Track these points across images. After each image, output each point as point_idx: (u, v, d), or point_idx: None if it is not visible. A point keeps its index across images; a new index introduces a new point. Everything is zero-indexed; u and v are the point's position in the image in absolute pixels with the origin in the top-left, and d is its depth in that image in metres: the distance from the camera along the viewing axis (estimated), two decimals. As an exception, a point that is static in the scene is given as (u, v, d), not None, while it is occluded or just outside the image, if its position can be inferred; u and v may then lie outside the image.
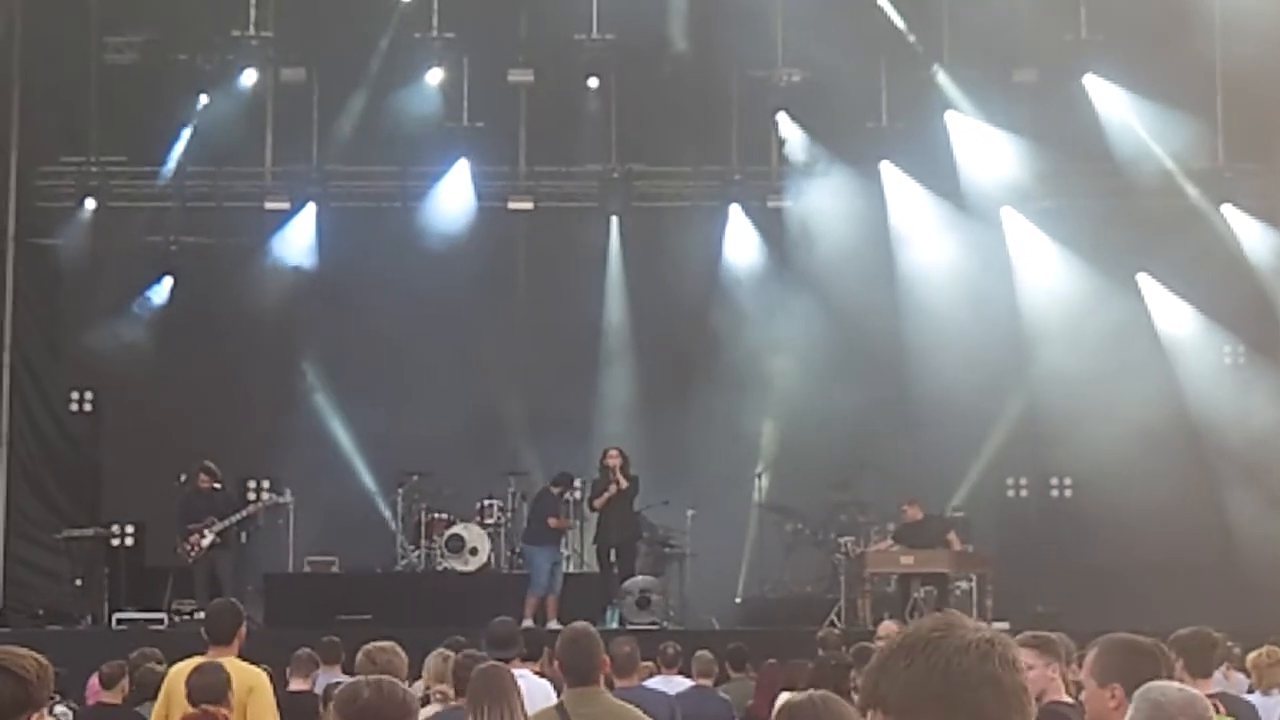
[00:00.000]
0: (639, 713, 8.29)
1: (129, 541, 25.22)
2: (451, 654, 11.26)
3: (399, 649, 9.61)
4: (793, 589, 24.85)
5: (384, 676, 4.55)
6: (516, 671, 10.68)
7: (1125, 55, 25.47)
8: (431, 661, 11.19)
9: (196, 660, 10.27)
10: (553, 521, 23.39)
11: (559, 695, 11.56)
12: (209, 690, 8.88)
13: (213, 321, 25.93)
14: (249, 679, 10.02)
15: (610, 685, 12.30)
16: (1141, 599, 22.64)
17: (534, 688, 10.78)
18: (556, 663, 8.53)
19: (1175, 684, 5.75)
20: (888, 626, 14.80)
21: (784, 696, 6.34)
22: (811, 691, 5.67)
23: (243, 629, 10.80)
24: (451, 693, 10.51)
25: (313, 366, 26.20)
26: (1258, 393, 25.47)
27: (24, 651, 4.49)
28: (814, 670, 11.69)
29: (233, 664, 9.98)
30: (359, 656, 10.20)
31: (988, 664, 3.24)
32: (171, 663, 13.18)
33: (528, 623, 20.23)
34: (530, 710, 9.69)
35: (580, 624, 8.85)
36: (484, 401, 25.37)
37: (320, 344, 25.89)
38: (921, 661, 3.26)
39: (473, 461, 24.47)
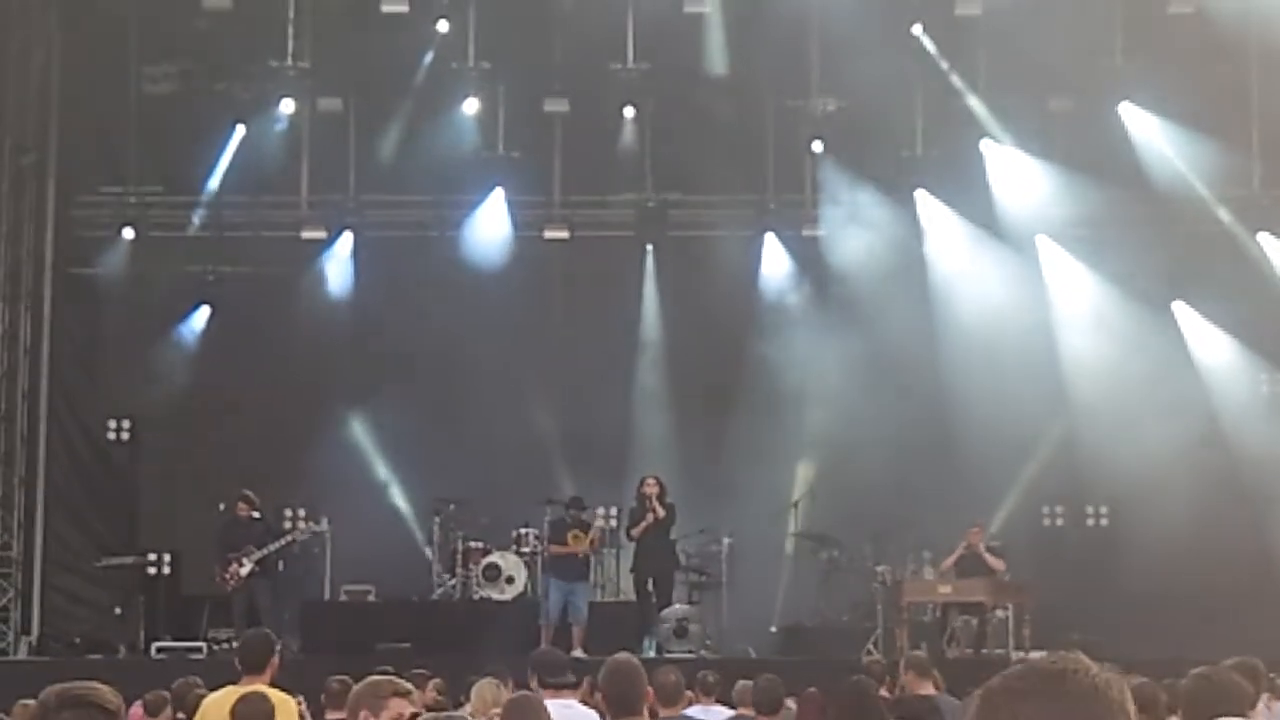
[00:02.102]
0: None
1: (166, 570, 25.21)
2: (499, 682, 11.27)
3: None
4: (829, 617, 24.80)
5: (442, 714, 4.58)
6: (563, 702, 10.71)
7: (1161, 83, 25.45)
8: (481, 690, 11.19)
9: (232, 689, 10.27)
10: (553, 549, 23.43)
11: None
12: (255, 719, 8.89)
13: (250, 350, 25.99)
14: (277, 704, 10.03)
15: (654, 715, 12.33)
16: (1179, 628, 22.59)
17: (580, 717, 10.78)
18: (600, 694, 8.49)
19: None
20: None
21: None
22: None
23: (275, 658, 10.82)
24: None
25: (349, 395, 26.22)
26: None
27: (101, 685, 4.52)
28: (838, 697, 11.64)
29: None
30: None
31: (1125, 696, 3.22)
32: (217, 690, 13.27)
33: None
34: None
35: (623, 655, 8.84)
36: (521, 430, 25.42)
37: (356, 373, 25.93)
38: (1067, 690, 3.21)
39: (509, 490, 24.48)
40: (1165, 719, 8.44)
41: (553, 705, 10.73)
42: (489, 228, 26.84)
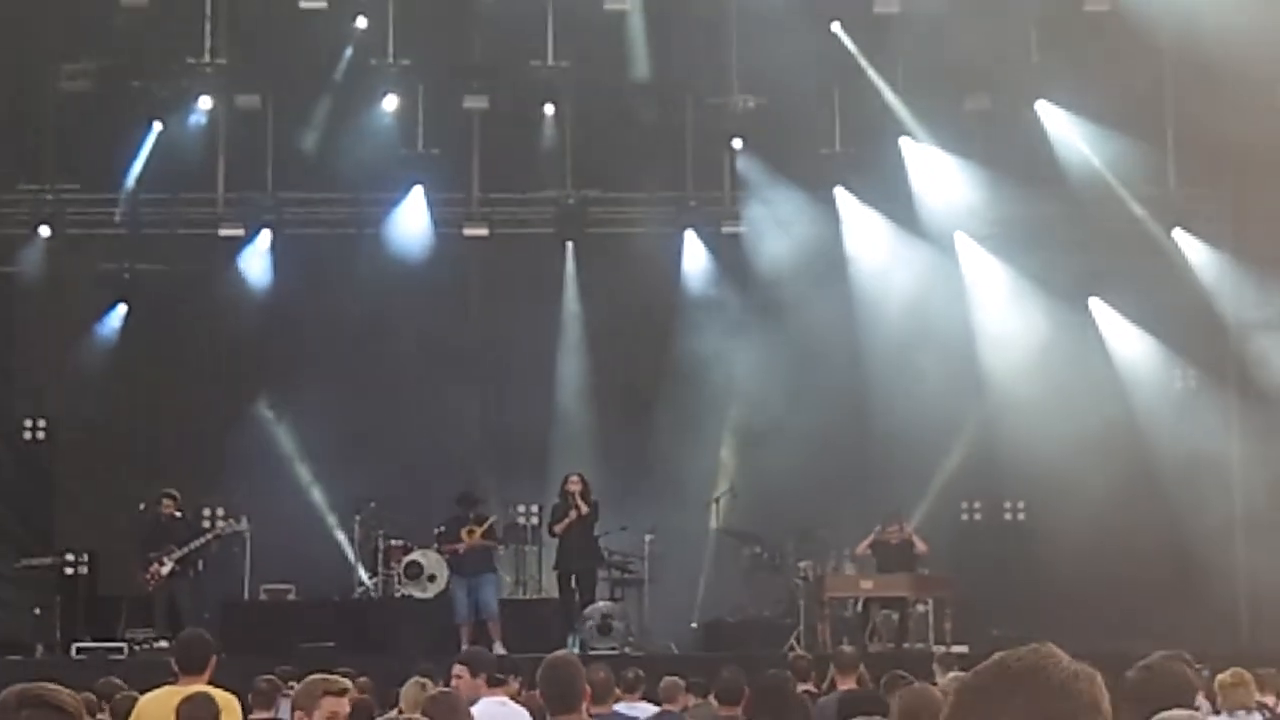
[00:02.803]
0: None
1: (83, 570, 25.01)
2: (427, 681, 11.26)
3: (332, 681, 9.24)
4: (751, 613, 24.87)
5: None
6: (496, 699, 10.74)
7: (1076, 82, 25.64)
8: (408, 691, 11.17)
9: (171, 690, 10.20)
10: (445, 548, 23.39)
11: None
12: (202, 720, 8.84)
13: (167, 348, 25.84)
14: (220, 703, 9.97)
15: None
16: (1097, 620, 22.83)
17: (512, 715, 10.80)
18: (538, 691, 8.48)
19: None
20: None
21: None
22: None
23: (214, 658, 10.76)
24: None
25: (268, 393, 26.09)
26: (1208, 415, 25.70)
27: (59, 687, 4.49)
28: (755, 690, 11.71)
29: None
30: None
31: (1095, 689, 3.26)
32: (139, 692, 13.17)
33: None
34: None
35: (562, 652, 8.87)
36: (442, 428, 25.38)
37: (276, 371, 25.80)
38: (1034, 684, 3.25)
39: (430, 488, 24.44)
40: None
41: (486, 703, 10.78)
42: (408, 225, 26.75)
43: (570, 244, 27.18)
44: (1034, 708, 3.22)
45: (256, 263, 26.65)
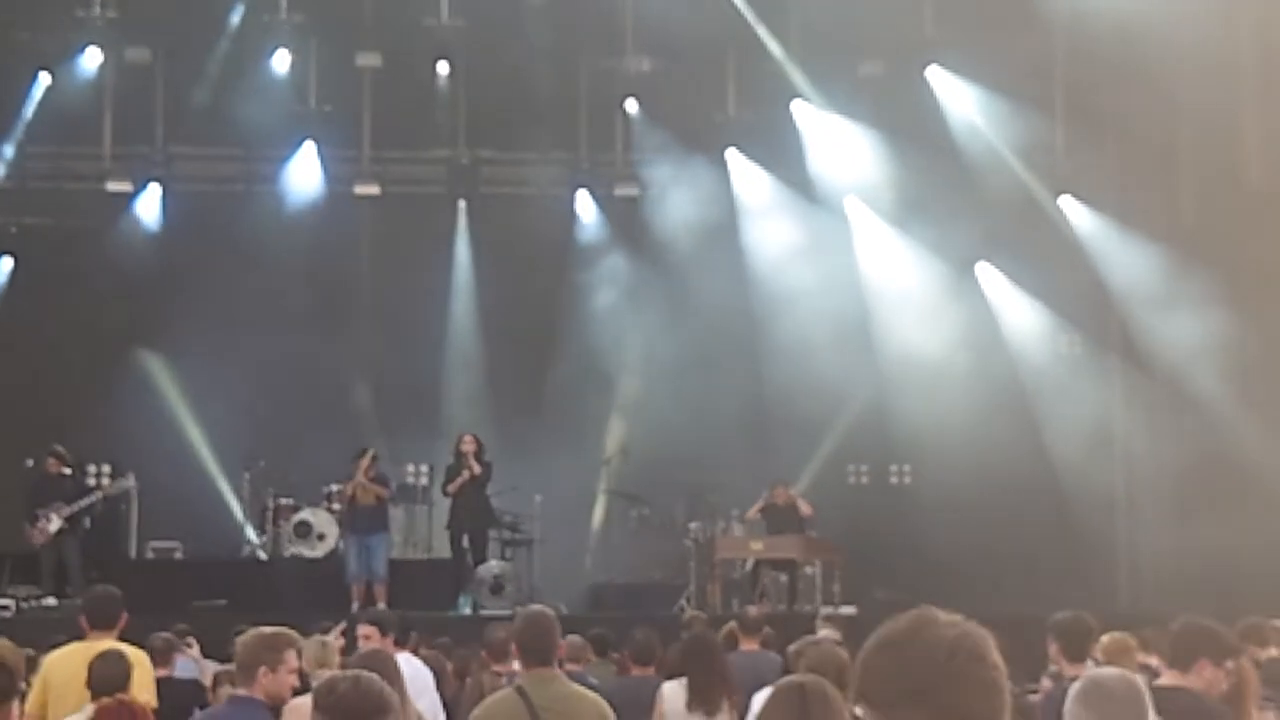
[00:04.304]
0: (597, 696, 8.24)
1: (-37, 527, 24.69)
2: (329, 639, 11.26)
3: (285, 633, 9.24)
4: (641, 574, 24.97)
5: (363, 671, 4.61)
6: (403, 656, 10.75)
7: (969, 48, 25.77)
8: (310, 648, 11.14)
9: (80, 645, 10.14)
10: (337, 507, 23.31)
11: (435, 680, 11.65)
12: (112, 679, 8.79)
13: (54, 304, 25.55)
14: (130, 658, 9.94)
15: (485, 669, 12.41)
16: (980, 585, 23.08)
17: (419, 672, 10.83)
18: (514, 644, 8.43)
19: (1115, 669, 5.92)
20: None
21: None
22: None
23: (124, 615, 10.71)
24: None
25: (156, 350, 25.87)
26: (1093, 382, 26.03)
27: (3, 641, 4.47)
28: (683, 648, 11.81)
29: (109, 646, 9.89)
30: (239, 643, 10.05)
31: (955, 661, 3.36)
32: (34, 648, 13.06)
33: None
34: (412, 693, 9.72)
35: (538, 606, 8.84)
36: (331, 386, 25.27)
37: (164, 327, 25.52)
38: (895, 656, 3.38)
39: (319, 446, 24.27)
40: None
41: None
42: (300, 182, 26.58)
43: (463, 203, 27.14)
44: (920, 657, 3.38)
45: (145, 218, 26.39)
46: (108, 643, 10.02)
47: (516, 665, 13.05)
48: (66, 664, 9.93)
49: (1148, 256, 25.15)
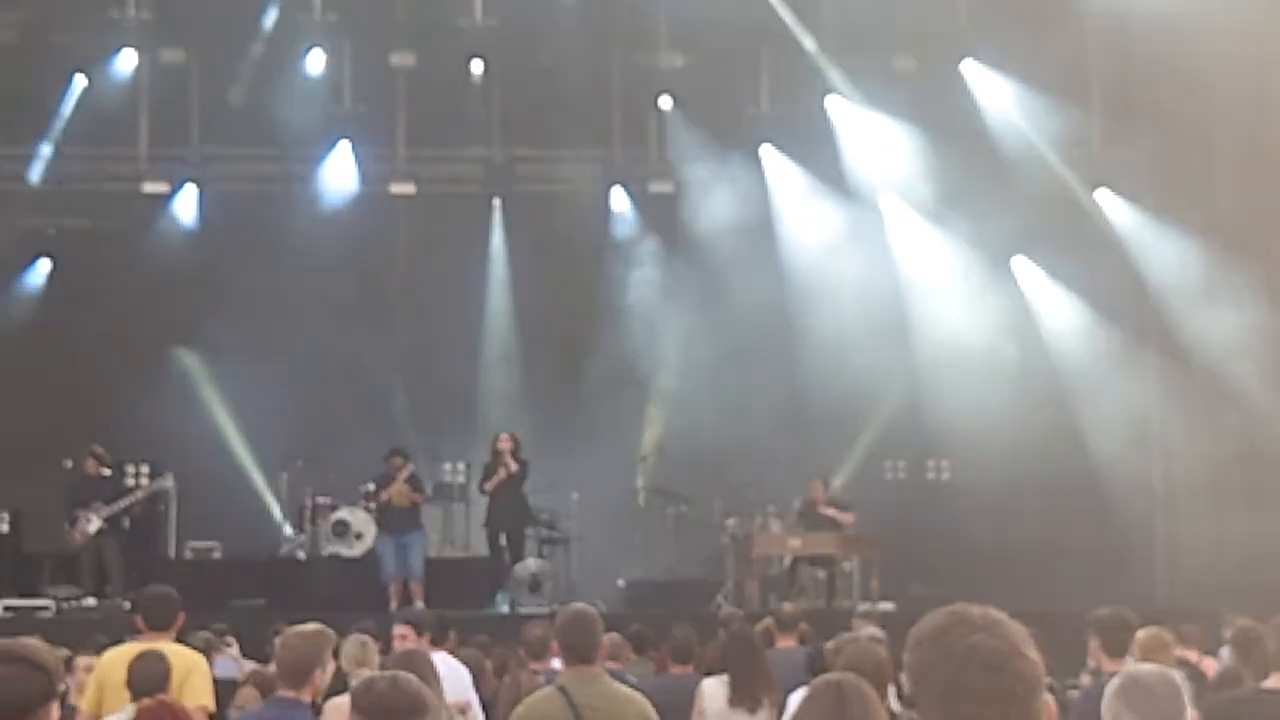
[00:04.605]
0: (639, 695, 8.16)
1: (5, 528, 24.80)
2: (369, 639, 11.27)
3: (326, 631, 9.28)
4: (678, 572, 24.97)
5: (401, 672, 4.62)
6: (439, 655, 10.75)
7: (1003, 42, 25.68)
8: (350, 648, 11.17)
9: (132, 647, 10.14)
10: (374, 506, 23.34)
11: (473, 679, 11.67)
12: (150, 678, 8.81)
13: (92, 305, 25.66)
14: (187, 661, 9.97)
15: (523, 667, 12.42)
16: (1019, 580, 22.99)
17: (457, 671, 10.83)
18: (556, 642, 8.40)
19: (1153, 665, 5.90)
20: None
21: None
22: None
23: (181, 615, 10.70)
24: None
25: (194, 350, 25.96)
26: (1131, 375, 25.93)
27: (35, 642, 4.47)
28: (723, 645, 11.82)
29: (169, 648, 9.91)
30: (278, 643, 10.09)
31: (969, 669, 3.39)
32: (74, 648, 13.13)
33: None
34: (448, 692, 9.74)
35: (580, 604, 8.81)
36: (368, 385, 25.33)
37: (201, 328, 25.61)
38: (920, 656, 3.48)
39: (357, 445, 24.34)
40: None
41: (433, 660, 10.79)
42: (335, 182, 26.64)
43: (498, 201, 27.17)
44: (937, 660, 3.44)
45: (181, 219, 26.48)
46: (163, 643, 10.00)
47: (555, 663, 13.11)
48: (121, 664, 9.93)
49: (1185, 250, 25.07)
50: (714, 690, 11.03)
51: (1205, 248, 24.55)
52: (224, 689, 12.58)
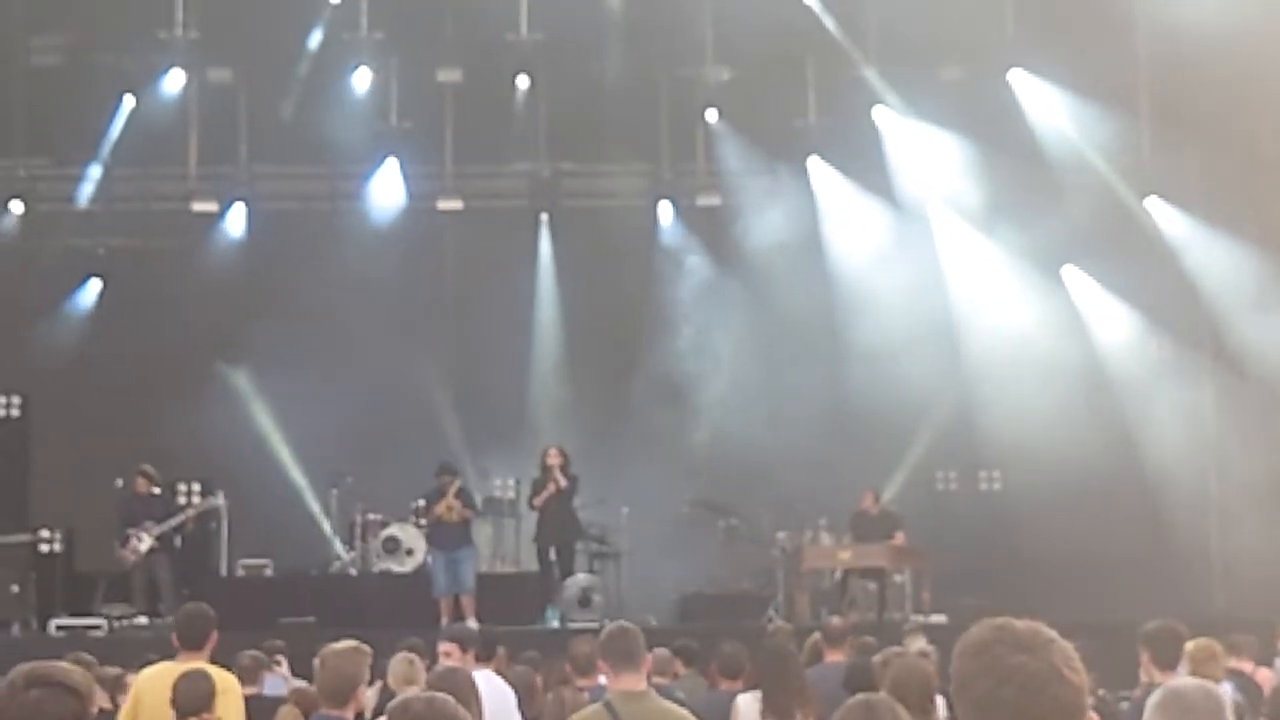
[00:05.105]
0: (686, 713, 8.09)
1: (58, 547, 24.91)
2: (416, 657, 11.23)
3: (361, 647, 9.26)
4: (729, 585, 24.90)
5: (438, 693, 4.59)
6: (482, 674, 10.71)
7: (1051, 51, 25.58)
8: (397, 665, 11.14)
9: (167, 666, 10.15)
10: (424, 522, 23.33)
11: (524, 696, 11.63)
12: (196, 697, 8.82)
13: (142, 324, 25.76)
14: (220, 683, 9.97)
15: (570, 684, 12.37)
16: (1071, 591, 22.88)
17: (499, 691, 10.79)
18: (600, 656, 8.34)
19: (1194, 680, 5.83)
20: None
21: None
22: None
23: (215, 634, 10.73)
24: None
25: (243, 368, 26.04)
26: (1184, 383, 25.76)
27: (69, 665, 4.47)
28: (757, 659, 11.75)
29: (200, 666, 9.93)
30: (315, 660, 10.08)
31: (1005, 691, 3.39)
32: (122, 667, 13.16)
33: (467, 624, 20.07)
34: (490, 712, 9.68)
35: (623, 621, 8.78)
36: (417, 401, 25.35)
37: (250, 346, 25.68)
38: (960, 669, 3.47)
39: (406, 461, 24.35)
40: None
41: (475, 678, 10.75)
42: (383, 199, 26.72)
43: (545, 216, 27.17)
44: (975, 676, 3.43)
45: (230, 237, 26.59)
46: (197, 662, 10.02)
47: (601, 679, 13.08)
48: (157, 683, 9.94)
49: (1237, 257, 24.90)
50: (748, 705, 10.96)
51: (1257, 255, 24.37)
52: (273, 708, 12.58)
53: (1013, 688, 3.38)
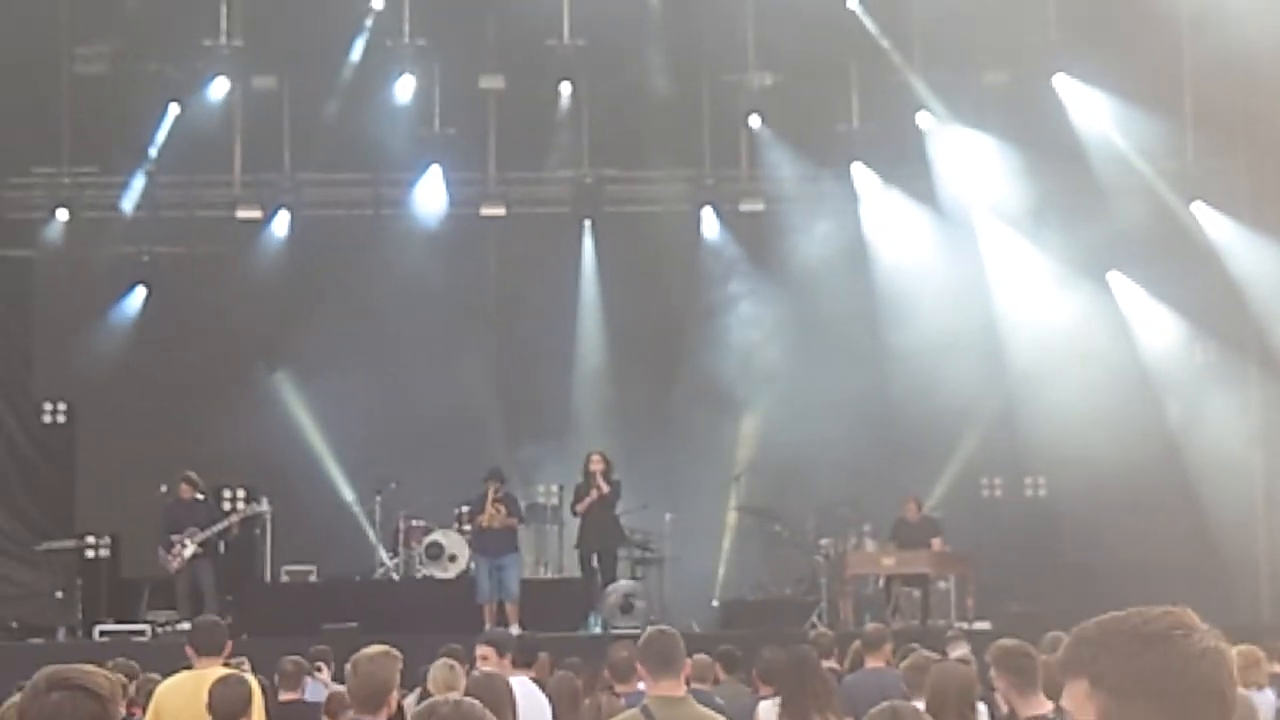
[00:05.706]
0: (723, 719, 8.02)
1: (104, 553, 25.01)
2: (456, 663, 11.21)
3: (392, 652, 9.20)
4: (772, 591, 24.86)
5: (465, 698, 4.57)
6: (518, 680, 10.69)
7: (1095, 55, 25.51)
8: (437, 671, 11.12)
9: (187, 675, 10.20)
10: (468, 528, 23.34)
11: (551, 704, 11.60)
12: (233, 703, 8.85)
13: (186, 331, 25.86)
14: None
15: (609, 690, 12.34)
16: (1117, 597, 22.52)
17: (529, 695, 10.76)
18: (639, 661, 8.31)
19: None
20: None
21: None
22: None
23: (229, 642, 10.81)
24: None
25: (288, 374, 26.11)
26: (1230, 388, 25.63)
27: (92, 668, 4.48)
28: (780, 665, 11.72)
29: (218, 673, 9.95)
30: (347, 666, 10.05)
31: (1220, 674, 3.28)
32: (164, 674, 13.18)
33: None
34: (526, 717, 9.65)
35: (662, 625, 8.75)
36: (462, 407, 25.36)
37: (295, 352, 25.79)
38: (1157, 655, 3.28)
39: (450, 467, 24.41)
40: None
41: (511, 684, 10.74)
42: (426, 205, 26.78)
43: (588, 222, 27.18)
44: (1184, 663, 3.30)
45: (275, 244, 26.68)
46: (216, 670, 10.07)
47: (640, 686, 13.05)
48: (178, 692, 10.00)
49: (1281, 261, 24.79)
50: (767, 712, 10.93)
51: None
52: (315, 713, 12.60)
53: (1226, 668, 3.30)
